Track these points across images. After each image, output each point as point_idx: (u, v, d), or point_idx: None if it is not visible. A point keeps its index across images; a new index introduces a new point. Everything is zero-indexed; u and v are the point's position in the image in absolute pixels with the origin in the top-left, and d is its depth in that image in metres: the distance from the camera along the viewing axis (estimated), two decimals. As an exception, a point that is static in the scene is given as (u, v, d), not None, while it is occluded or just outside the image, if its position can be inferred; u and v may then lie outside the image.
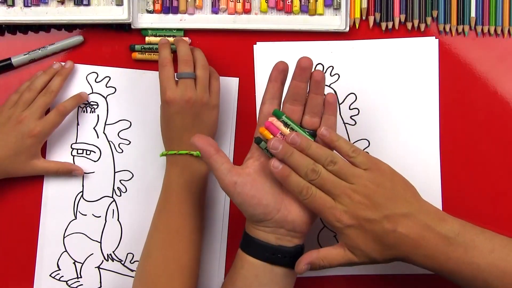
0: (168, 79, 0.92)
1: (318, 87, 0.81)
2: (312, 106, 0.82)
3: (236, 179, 0.78)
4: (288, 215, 0.79)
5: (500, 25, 1.00)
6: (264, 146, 0.80)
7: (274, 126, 0.81)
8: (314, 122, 0.82)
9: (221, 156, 0.79)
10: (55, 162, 0.98)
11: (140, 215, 1.00)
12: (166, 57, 0.94)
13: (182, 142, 0.92)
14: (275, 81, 0.82)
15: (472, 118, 1.00)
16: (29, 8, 0.98)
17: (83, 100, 0.99)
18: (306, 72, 0.80)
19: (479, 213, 0.99)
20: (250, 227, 0.82)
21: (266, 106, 0.83)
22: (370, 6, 1.00)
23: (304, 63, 0.80)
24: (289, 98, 0.82)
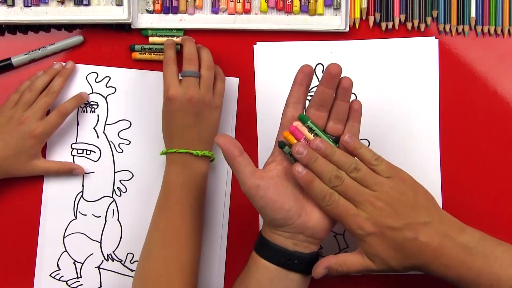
0: (171, 76, 0.92)
1: (345, 94, 0.81)
2: (337, 113, 0.81)
3: (259, 182, 0.77)
4: (308, 221, 0.79)
5: (500, 25, 1.01)
6: (288, 151, 0.80)
7: (298, 131, 0.80)
8: (338, 128, 0.82)
9: (245, 158, 0.78)
10: (55, 162, 0.98)
11: (140, 215, 1.00)
12: (170, 56, 0.94)
13: (183, 141, 0.92)
14: (300, 85, 0.81)
15: (472, 118, 1.01)
16: (29, 8, 0.98)
17: (83, 100, 0.99)
18: (335, 78, 0.79)
19: (479, 213, 0.99)
20: (267, 231, 0.81)
21: (290, 110, 0.81)
22: (370, 6, 1.00)
23: (333, 69, 0.78)
24: (315, 103, 0.81)
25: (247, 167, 0.78)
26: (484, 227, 0.86)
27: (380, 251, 0.78)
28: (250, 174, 0.77)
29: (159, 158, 0.99)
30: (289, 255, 0.79)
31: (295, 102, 0.81)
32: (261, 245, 0.81)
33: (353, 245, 1.00)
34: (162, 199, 0.92)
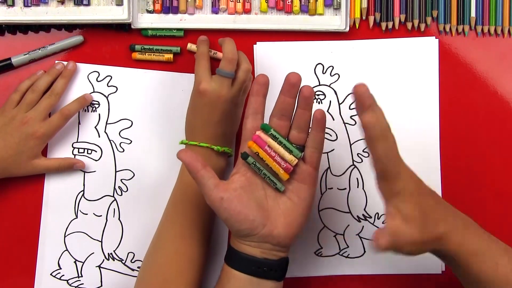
0: (204, 70, 0.92)
1: (306, 103, 0.80)
2: (300, 122, 0.81)
3: (222, 195, 0.78)
4: (273, 230, 0.80)
5: (500, 25, 1.00)
6: (251, 161, 0.80)
7: (261, 139, 0.80)
8: (301, 137, 0.82)
9: (207, 171, 0.79)
10: (55, 159, 0.99)
11: (141, 214, 1.00)
12: (203, 51, 0.94)
13: (205, 135, 0.92)
14: (257, 95, 0.81)
15: (472, 118, 1.00)
16: (29, 8, 0.98)
17: (87, 102, 0.99)
18: (295, 87, 0.80)
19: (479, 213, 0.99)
20: (235, 242, 0.82)
21: (249, 121, 0.82)
22: (370, 6, 1.00)
23: (293, 78, 0.79)
24: (277, 113, 0.81)
25: (210, 180, 0.79)
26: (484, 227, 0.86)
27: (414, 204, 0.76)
28: (213, 187, 0.78)
29: (160, 157, 1.00)
30: (258, 263, 0.80)
31: (254, 113, 0.82)
32: (231, 256, 0.82)
33: (353, 245, 1.00)
34: (178, 193, 0.92)
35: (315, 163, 0.82)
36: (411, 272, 0.99)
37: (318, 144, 0.82)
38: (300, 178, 0.82)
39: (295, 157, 0.81)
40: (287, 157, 0.80)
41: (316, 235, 1.00)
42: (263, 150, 0.80)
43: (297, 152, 0.81)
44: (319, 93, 1.01)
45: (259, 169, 0.80)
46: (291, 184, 0.82)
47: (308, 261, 1.00)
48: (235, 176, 0.82)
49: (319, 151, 0.82)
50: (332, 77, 1.01)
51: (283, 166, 0.80)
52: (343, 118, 1.00)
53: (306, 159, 0.82)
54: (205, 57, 0.93)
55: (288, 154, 0.81)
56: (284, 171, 0.80)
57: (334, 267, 1.00)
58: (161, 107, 1.00)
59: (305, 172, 0.82)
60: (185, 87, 1.00)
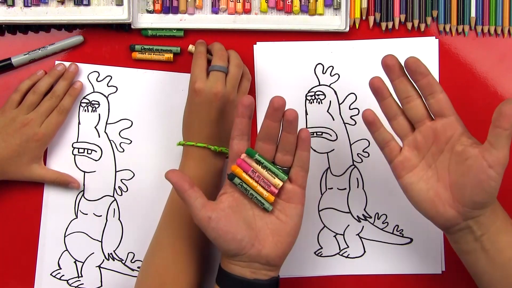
0: (200, 69, 0.92)
1: (291, 127, 0.80)
2: (285, 145, 0.81)
3: (210, 214, 0.78)
4: (262, 250, 0.80)
5: (500, 25, 1.00)
6: (238, 182, 0.80)
7: (246, 163, 0.81)
8: (286, 160, 0.82)
9: (195, 191, 0.79)
10: (53, 171, 0.98)
11: (141, 214, 1.00)
12: (201, 50, 0.95)
13: (202, 135, 0.92)
14: (242, 117, 0.80)
15: (472, 118, 1.00)
16: (29, 8, 0.98)
17: (78, 91, 0.99)
18: (279, 112, 0.79)
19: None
20: (225, 262, 0.82)
21: (235, 142, 0.81)
22: (370, 6, 1.00)
23: (277, 103, 0.78)
24: (262, 137, 0.81)
25: (198, 199, 0.79)
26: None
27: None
28: (201, 206, 0.78)
29: (160, 157, 1.00)
30: (248, 284, 0.80)
31: (239, 134, 0.81)
32: (221, 277, 0.82)
33: (353, 245, 1.00)
34: (176, 195, 0.92)
35: (301, 182, 0.82)
36: (411, 272, 0.99)
37: (304, 164, 0.81)
38: (287, 197, 0.82)
39: (280, 180, 0.81)
40: (271, 181, 0.81)
41: (316, 235, 1.00)
42: (248, 174, 0.80)
43: (282, 176, 0.81)
44: (319, 93, 1.01)
45: (246, 189, 0.81)
46: (279, 203, 0.82)
47: (308, 261, 1.00)
48: (223, 196, 0.82)
49: (305, 170, 0.82)
50: (332, 77, 1.01)
51: (268, 189, 0.80)
52: (343, 118, 1.00)
53: (292, 179, 0.82)
54: (202, 56, 0.94)
55: (273, 178, 0.81)
56: (269, 193, 0.81)
57: (334, 267, 1.00)
58: (161, 107, 1.00)
59: (292, 192, 0.82)
60: (185, 87, 0.99)
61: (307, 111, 1.01)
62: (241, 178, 0.80)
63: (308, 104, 1.01)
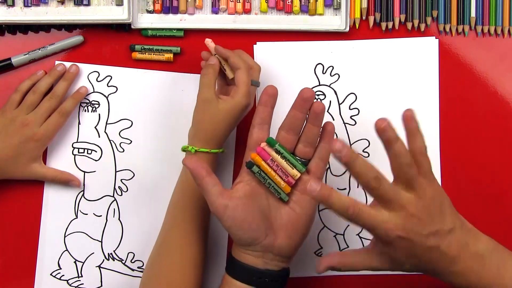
0: (248, 83, 0.91)
1: (317, 119, 0.80)
2: (308, 136, 0.81)
3: (227, 202, 0.78)
4: (276, 240, 0.80)
5: (500, 25, 1.00)
6: (256, 170, 0.80)
7: (265, 151, 0.81)
8: (307, 151, 0.82)
9: (212, 178, 0.79)
10: (53, 169, 0.99)
11: (141, 214, 1.00)
12: (250, 62, 0.94)
13: (221, 142, 0.92)
14: (265, 106, 0.81)
15: (472, 118, 1.01)
16: (29, 8, 0.98)
17: (82, 96, 0.99)
18: (307, 103, 0.79)
19: (479, 213, 0.99)
20: (237, 251, 0.82)
21: (255, 131, 0.82)
22: (370, 6, 1.00)
23: (306, 93, 0.79)
24: (285, 126, 0.81)
25: (215, 187, 0.78)
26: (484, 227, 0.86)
27: (401, 254, 0.76)
28: (218, 194, 0.78)
29: (160, 157, 1.00)
30: (259, 274, 0.80)
31: (261, 123, 0.82)
32: (232, 266, 0.82)
33: (353, 245, 1.00)
34: (180, 195, 0.91)
35: (320, 174, 0.82)
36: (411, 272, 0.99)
37: (325, 155, 0.82)
38: (303, 189, 0.81)
39: (299, 171, 0.81)
40: (289, 171, 0.81)
41: (316, 235, 1.00)
42: (266, 163, 0.80)
43: (300, 167, 0.81)
44: (319, 93, 1.01)
45: (263, 178, 0.80)
46: (294, 195, 0.82)
47: (308, 261, 1.00)
48: (239, 185, 0.82)
49: (325, 161, 0.82)
50: (332, 77, 1.01)
51: (285, 179, 0.80)
52: (343, 118, 1.00)
53: (311, 170, 0.82)
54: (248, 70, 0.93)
55: (291, 168, 0.81)
56: (286, 184, 0.81)
57: (334, 267, 1.00)
58: (161, 107, 1.00)
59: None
60: (185, 87, 1.00)
61: (307, 111, 1.01)
62: (260, 166, 0.80)
63: (308, 104, 1.01)
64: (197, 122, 0.91)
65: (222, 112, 0.89)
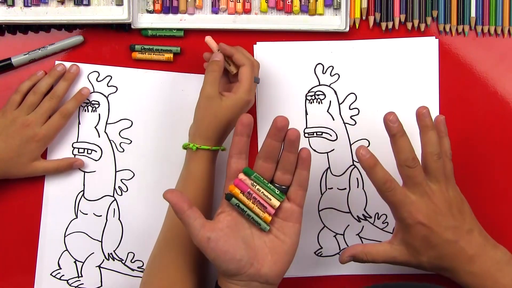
0: (252, 79, 0.92)
1: (292, 146, 0.80)
2: (285, 164, 0.81)
3: (209, 235, 0.78)
4: (261, 269, 0.79)
5: (500, 25, 1.00)
6: (235, 202, 0.80)
7: (243, 183, 0.80)
8: (285, 178, 0.81)
9: (194, 211, 0.78)
10: (53, 160, 0.99)
11: (141, 214, 1.00)
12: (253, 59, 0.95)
13: (222, 138, 0.93)
14: (241, 135, 0.80)
15: (472, 118, 1.00)
16: (29, 8, 0.98)
17: (84, 97, 0.99)
18: (282, 132, 0.79)
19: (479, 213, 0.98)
20: (223, 281, 0.81)
21: (233, 161, 0.81)
22: (370, 6, 1.00)
23: (280, 123, 0.78)
24: (262, 155, 0.81)
25: (197, 220, 0.78)
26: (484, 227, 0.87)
27: (419, 243, 0.83)
28: (200, 227, 0.78)
29: (160, 157, 1.00)
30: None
31: (238, 153, 0.81)
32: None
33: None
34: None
35: (300, 201, 0.82)
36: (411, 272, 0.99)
37: (303, 182, 0.81)
38: (285, 216, 0.81)
39: (278, 200, 0.80)
40: (269, 201, 0.80)
41: (316, 235, 1.00)
42: (245, 194, 0.80)
43: (279, 196, 0.80)
44: (319, 93, 1.01)
45: (243, 210, 0.80)
46: (277, 222, 0.82)
47: (308, 261, 1.00)
48: (221, 215, 0.81)
49: (304, 189, 0.82)
50: (332, 77, 1.01)
51: (265, 210, 0.80)
52: (343, 118, 1.00)
53: (290, 198, 0.82)
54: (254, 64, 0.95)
55: (271, 197, 0.80)
56: (266, 213, 0.80)
57: (334, 267, 1.00)
58: (161, 107, 1.00)
59: (290, 211, 0.81)
60: (185, 87, 1.00)
61: (307, 111, 1.01)
62: (238, 198, 0.80)
63: (308, 104, 1.01)
64: (199, 119, 0.91)
65: (224, 109, 0.90)
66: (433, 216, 0.82)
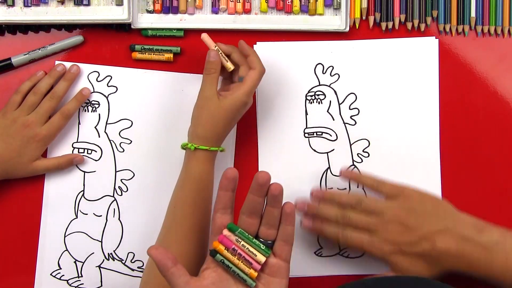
0: (256, 85, 0.93)
1: (275, 201, 0.78)
2: (269, 219, 0.79)
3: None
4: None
5: (500, 25, 1.00)
6: (220, 259, 0.78)
7: (227, 239, 0.79)
8: (270, 233, 0.79)
9: (178, 269, 0.76)
10: (54, 158, 0.99)
11: (141, 214, 1.00)
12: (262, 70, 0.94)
13: (221, 140, 0.93)
14: (226, 190, 0.79)
15: (472, 118, 1.00)
16: (29, 8, 0.98)
17: (85, 98, 0.99)
18: (264, 187, 0.77)
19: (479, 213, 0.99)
20: None
21: (218, 216, 0.80)
22: (370, 6, 1.00)
23: (261, 178, 0.77)
24: (246, 211, 0.79)
25: (181, 277, 0.76)
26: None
27: (407, 266, 0.86)
28: (184, 285, 0.76)
29: (160, 157, 1.00)
30: None
31: (222, 208, 0.79)
32: None
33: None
34: (186, 197, 0.91)
35: (285, 256, 0.80)
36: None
37: (288, 237, 0.80)
38: (271, 272, 0.79)
39: (263, 255, 0.79)
40: (254, 256, 0.79)
41: (316, 235, 1.00)
42: (230, 250, 0.78)
43: (265, 251, 0.79)
44: (319, 93, 1.01)
45: (228, 266, 0.78)
46: (263, 278, 0.80)
47: (308, 261, 1.00)
48: (206, 272, 0.79)
49: (289, 244, 0.80)
50: (332, 77, 1.01)
51: (250, 266, 0.78)
52: (343, 118, 1.00)
53: (276, 253, 0.80)
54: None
55: (256, 253, 0.79)
56: (252, 269, 0.78)
57: (334, 267, 1.00)
58: (161, 107, 1.00)
59: (276, 266, 0.79)
60: (185, 87, 1.00)
61: (307, 111, 1.01)
62: (223, 255, 0.78)
63: (308, 104, 1.01)
64: (196, 119, 0.91)
65: (221, 109, 0.90)
66: (396, 239, 0.86)
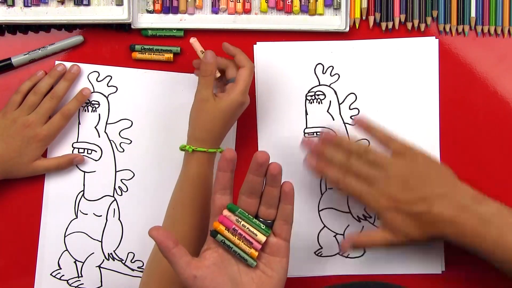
0: (249, 82, 0.93)
1: (274, 180, 0.78)
2: (268, 198, 0.79)
3: (195, 273, 0.76)
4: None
5: (500, 25, 1.00)
6: (220, 239, 0.78)
7: (228, 220, 0.79)
8: (270, 213, 0.80)
9: (179, 250, 0.76)
10: (54, 158, 0.99)
11: (141, 214, 1.00)
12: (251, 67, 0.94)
13: (219, 141, 0.93)
14: (224, 171, 0.79)
15: (472, 118, 1.00)
16: (29, 8, 0.98)
17: (85, 98, 0.99)
18: (263, 167, 0.77)
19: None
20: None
21: (218, 197, 0.80)
22: (370, 6, 1.00)
23: (260, 158, 0.77)
24: (245, 191, 0.79)
25: (182, 258, 0.76)
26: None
27: (399, 224, 0.87)
28: (186, 265, 0.76)
29: (160, 157, 1.00)
30: None
31: (222, 188, 0.80)
32: None
33: (353, 245, 1.00)
34: (186, 197, 0.91)
35: (285, 235, 0.80)
36: (411, 272, 0.99)
37: (287, 217, 0.80)
38: (272, 251, 0.80)
39: (264, 235, 0.79)
40: (255, 236, 0.79)
41: (316, 235, 1.00)
42: (230, 230, 0.79)
43: (265, 231, 0.79)
44: (319, 93, 1.01)
45: (228, 246, 0.78)
46: (264, 257, 0.80)
47: (308, 261, 1.00)
48: (207, 252, 0.79)
49: (288, 223, 0.80)
50: (332, 77, 1.01)
51: (251, 245, 0.79)
52: (343, 118, 1.00)
53: (276, 232, 0.80)
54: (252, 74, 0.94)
55: (256, 232, 0.79)
56: (253, 249, 0.79)
57: (334, 267, 1.00)
58: (161, 107, 1.00)
59: (276, 245, 0.80)
60: (185, 87, 1.00)
61: (307, 111, 1.01)
62: (224, 235, 0.79)
63: (308, 104, 1.01)
64: (193, 121, 0.92)
65: (218, 111, 0.90)
66: (395, 195, 0.87)
